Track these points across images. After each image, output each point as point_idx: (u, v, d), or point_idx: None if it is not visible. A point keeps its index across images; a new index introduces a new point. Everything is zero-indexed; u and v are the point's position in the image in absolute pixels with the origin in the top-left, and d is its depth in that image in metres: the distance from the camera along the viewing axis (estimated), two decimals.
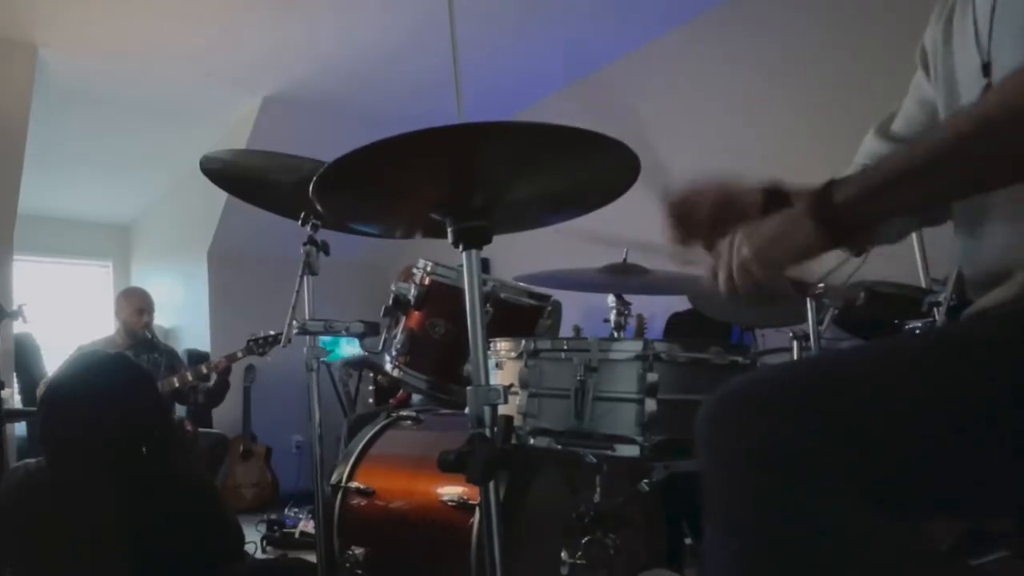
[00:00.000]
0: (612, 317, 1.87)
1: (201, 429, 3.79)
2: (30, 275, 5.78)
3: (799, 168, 1.24)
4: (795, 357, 2.11)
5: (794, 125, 3.50)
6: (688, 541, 2.08)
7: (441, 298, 1.75)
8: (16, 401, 3.93)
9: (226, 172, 1.81)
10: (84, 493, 1.61)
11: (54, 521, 1.59)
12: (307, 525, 3.50)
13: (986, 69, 0.91)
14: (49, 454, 1.69)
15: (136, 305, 3.87)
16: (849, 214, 0.79)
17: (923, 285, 2.12)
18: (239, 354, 3.55)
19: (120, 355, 1.99)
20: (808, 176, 1.16)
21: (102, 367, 1.78)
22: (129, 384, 1.76)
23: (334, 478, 1.91)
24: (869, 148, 1.14)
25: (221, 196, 4.40)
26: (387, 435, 1.99)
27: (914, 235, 2.15)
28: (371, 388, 4.07)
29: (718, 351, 1.29)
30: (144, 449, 1.70)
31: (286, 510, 3.79)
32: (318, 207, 1.13)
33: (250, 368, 4.85)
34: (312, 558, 1.83)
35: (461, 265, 1.10)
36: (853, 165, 1.15)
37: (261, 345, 3.47)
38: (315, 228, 1.78)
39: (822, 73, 3.40)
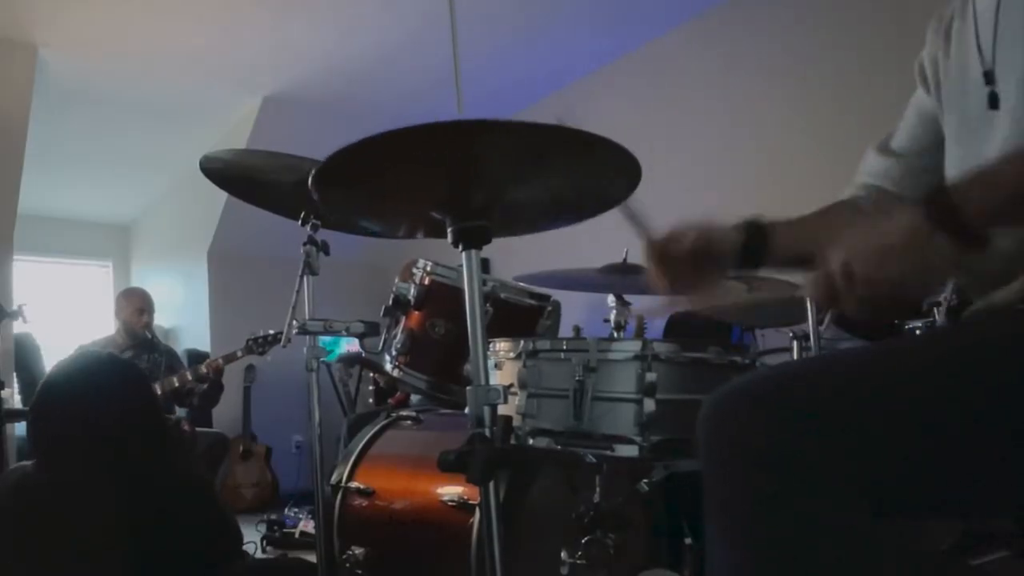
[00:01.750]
0: (612, 317, 1.87)
1: (201, 429, 3.79)
2: (30, 275, 5.78)
3: (799, 168, 1.24)
4: (795, 357, 2.11)
5: (794, 125, 3.50)
6: (688, 541, 2.08)
7: (441, 298, 1.75)
8: (16, 401, 3.92)
9: (226, 172, 1.81)
10: (80, 494, 1.60)
11: (51, 523, 1.59)
12: (307, 525, 3.49)
13: (988, 77, 0.92)
14: (40, 455, 1.69)
15: (136, 305, 3.87)
16: (982, 224, 0.73)
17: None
18: (239, 353, 3.55)
19: (113, 355, 1.99)
20: (808, 175, 1.16)
21: (95, 367, 1.78)
22: (122, 384, 1.76)
23: (334, 478, 1.91)
24: (871, 165, 1.15)
25: (221, 196, 4.40)
26: (387, 435, 1.99)
27: None
28: (371, 388, 4.07)
29: (718, 351, 1.29)
30: (139, 449, 1.70)
31: (286, 510, 3.79)
32: (317, 201, 1.13)
33: (250, 368, 4.85)
34: (312, 558, 1.83)
35: (461, 265, 1.10)
36: (854, 183, 1.17)
37: (261, 344, 3.47)
38: (315, 228, 1.78)
39: (822, 73, 3.40)
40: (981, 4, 0.95)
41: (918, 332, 1.90)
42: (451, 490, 1.66)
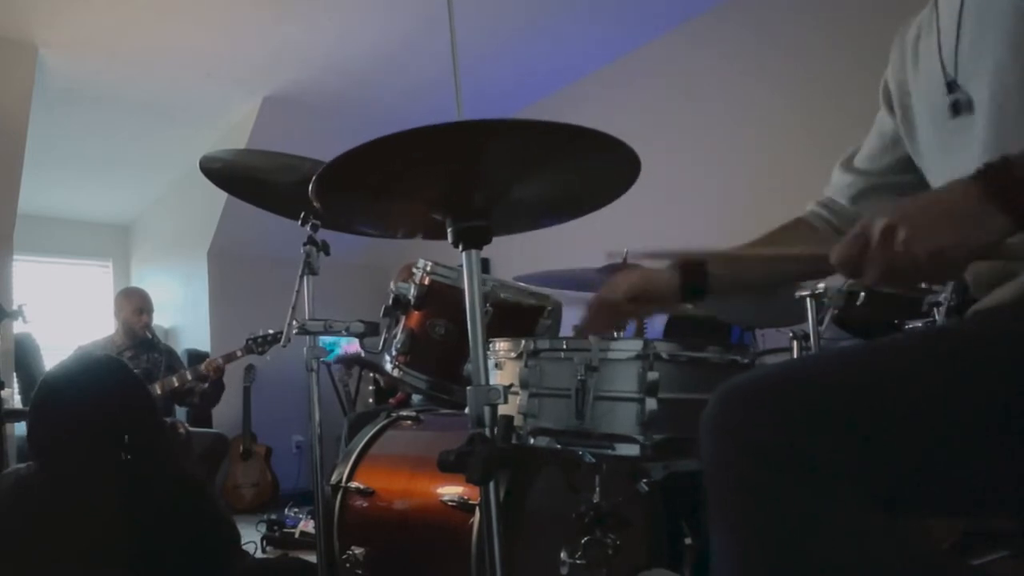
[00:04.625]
0: None
1: (201, 429, 3.79)
2: (30, 275, 5.78)
3: (798, 167, 1.24)
4: (795, 357, 2.11)
5: (793, 125, 3.50)
6: (688, 541, 2.08)
7: (441, 298, 1.75)
8: (16, 401, 3.92)
9: (226, 172, 1.81)
10: (76, 495, 1.61)
11: (49, 523, 1.59)
12: (307, 525, 3.50)
13: (951, 86, 0.93)
14: (38, 455, 1.69)
15: (136, 305, 3.88)
16: None
17: (923, 285, 2.12)
18: (238, 353, 3.56)
19: (109, 357, 1.99)
20: (807, 174, 1.16)
21: (91, 369, 1.78)
22: (118, 386, 1.76)
23: (334, 478, 1.91)
24: (835, 180, 1.18)
25: (221, 196, 4.40)
26: (387, 435, 1.99)
27: None
28: (371, 388, 4.07)
29: (718, 350, 1.29)
30: (136, 450, 1.70)
31: (286, 510, 3.79)
32: (317, 206, 1.13)
33: (250, 368, 4.85)
34: (312, 558, 1.83)
35: (461, 265, 1.10)
36: (822, 198, 1.19)
37: (260, 344, 3.48)
38: (315, 228, 1.78)
39: (822, 73, 3.40)
40: (944, 12, 0.97)
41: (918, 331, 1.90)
42: (451, 490, 1.65)
